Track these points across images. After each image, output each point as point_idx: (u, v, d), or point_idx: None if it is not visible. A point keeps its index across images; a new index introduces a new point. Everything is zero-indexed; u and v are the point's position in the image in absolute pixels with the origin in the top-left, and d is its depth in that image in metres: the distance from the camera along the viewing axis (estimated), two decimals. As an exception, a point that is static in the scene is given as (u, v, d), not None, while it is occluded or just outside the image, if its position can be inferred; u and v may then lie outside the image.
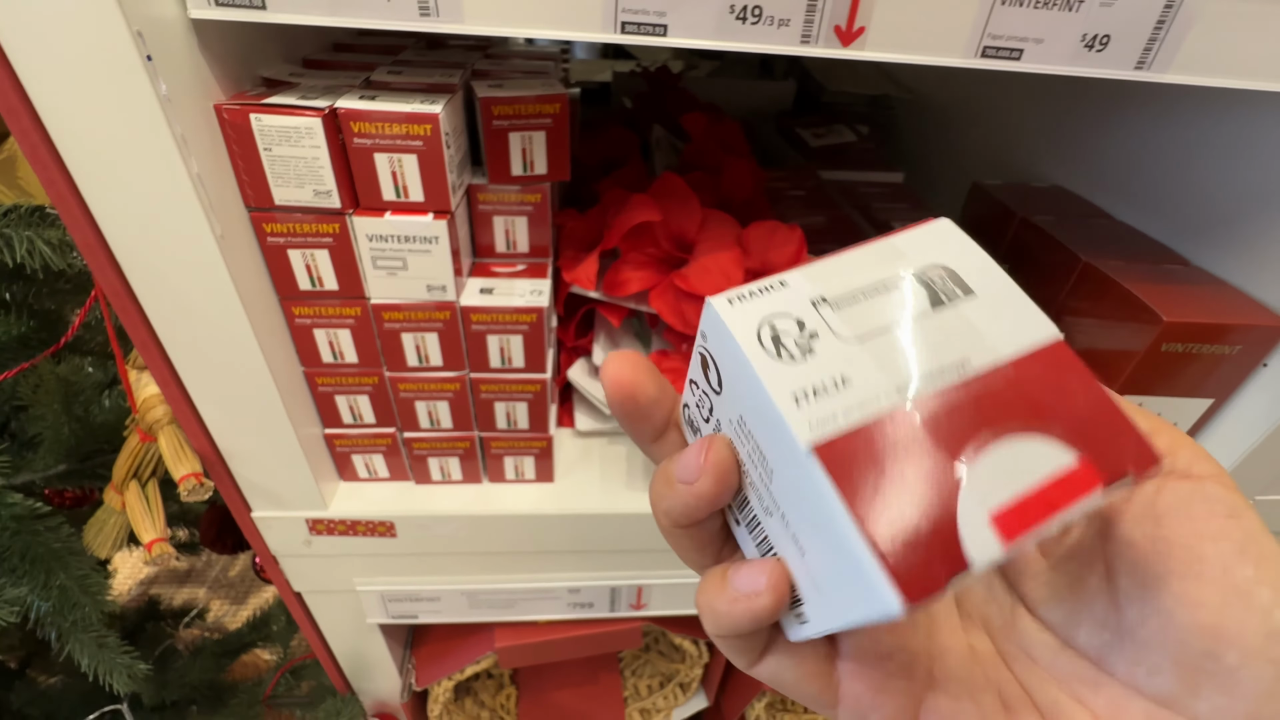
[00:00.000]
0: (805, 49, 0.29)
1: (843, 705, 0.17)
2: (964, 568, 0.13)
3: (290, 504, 0.43)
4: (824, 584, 0.15)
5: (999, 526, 0.13)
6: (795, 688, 0.18)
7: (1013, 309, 0.16)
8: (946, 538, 0.13)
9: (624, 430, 0.19)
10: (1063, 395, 0.15)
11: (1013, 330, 0.15)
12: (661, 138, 0.70)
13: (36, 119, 0.27)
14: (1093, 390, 0.15)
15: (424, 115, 0.31)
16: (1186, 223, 0.51)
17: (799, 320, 0.15)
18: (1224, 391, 0.46)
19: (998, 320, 0.15)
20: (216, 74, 0.31)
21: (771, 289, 0.16)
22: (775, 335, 0.15)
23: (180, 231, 0.30)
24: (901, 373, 0.14)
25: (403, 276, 0.36)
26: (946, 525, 0.13)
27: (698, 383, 0.18)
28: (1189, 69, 0.30)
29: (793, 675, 0.18)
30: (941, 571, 0.13)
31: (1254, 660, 0.14)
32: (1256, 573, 0.14)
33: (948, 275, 0.16)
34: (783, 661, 0.18)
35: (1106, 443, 0.14)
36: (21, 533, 0.47)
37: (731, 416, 0.16)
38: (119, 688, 0.46)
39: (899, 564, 0.12)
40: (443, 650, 0.60)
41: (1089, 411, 0.14)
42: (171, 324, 0.34)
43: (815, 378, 0.14)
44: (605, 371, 0.17)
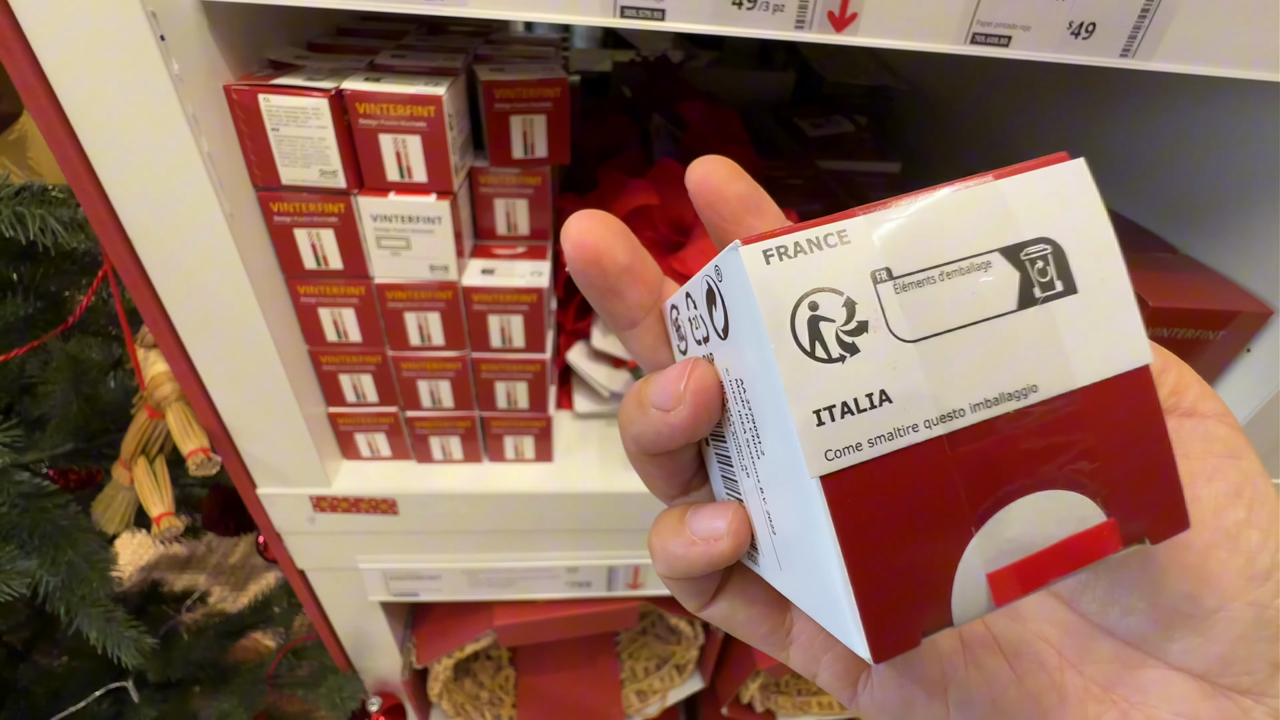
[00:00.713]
0: (799, 34, 0.30)
1: (795, 645, 0.17)
2: (946, 624, 0.12)
3: (294, 481, 0.44)
4: (790, 566, 0.14)
5: (994, 585, 0.12)
6: (745, 628, 0.17)
7: (1112, 320, 0.13)
8: (937, 596, 0.12)
9: (593, 307, 0.17)
10: (1122, 441, 0.13)
11: (1102, 352, 0.13)
12: (660, 126, 0.71)
13: (53, 97, 0.27)
14: (1155, 436, 0.13)
15: (428, 97, 0.32)
16: (1174, 211, 0.52)
17: (849, 302, 0.12)
18: (1208, 376, 0.47)
19: (1090, 335, 0.13)
20: (225, 56, 0.32)
21: (827, 243, 0.12)
22: (814, 322, 0.12)
23: (191, 209, 0.31)
24: (952, 395, 0.12)
25: (406, 256, 0.37)
26: (941, 583, 0.12)
27: (696, 303, 0.15)
28: (1173, 56, 0.31)
29: (744, 616, 0.17)
30: (918, 629, 0.12)
31: (1232, 602, 0.14)
32: (1248, 515, 0.14)
33: (1052, 258, 0.13)
34: (735, 604, 0.17)
35: (1144, 505, 0.13)
36: (30, 510, 0.48)
37: (730, 367, 0.14)
38: (126, 661, 0.47)
39: (876, 625, 0.12)
40: (443, 629, 0.61)
41: (1141, 464, 0.13)
42: (181, 301, 0.34)
43: (850, 392, 0.12)
44: (567, 230, 0.15)
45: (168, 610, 0.80)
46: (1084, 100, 0.62)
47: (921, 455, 0.12)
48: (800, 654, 0.17)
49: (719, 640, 0.67)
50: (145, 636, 0.49)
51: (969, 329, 0.12)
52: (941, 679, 0.16)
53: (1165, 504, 0.13)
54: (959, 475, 0.12)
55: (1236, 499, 0.14)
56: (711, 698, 0.77)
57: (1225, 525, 0.14)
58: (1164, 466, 0.13)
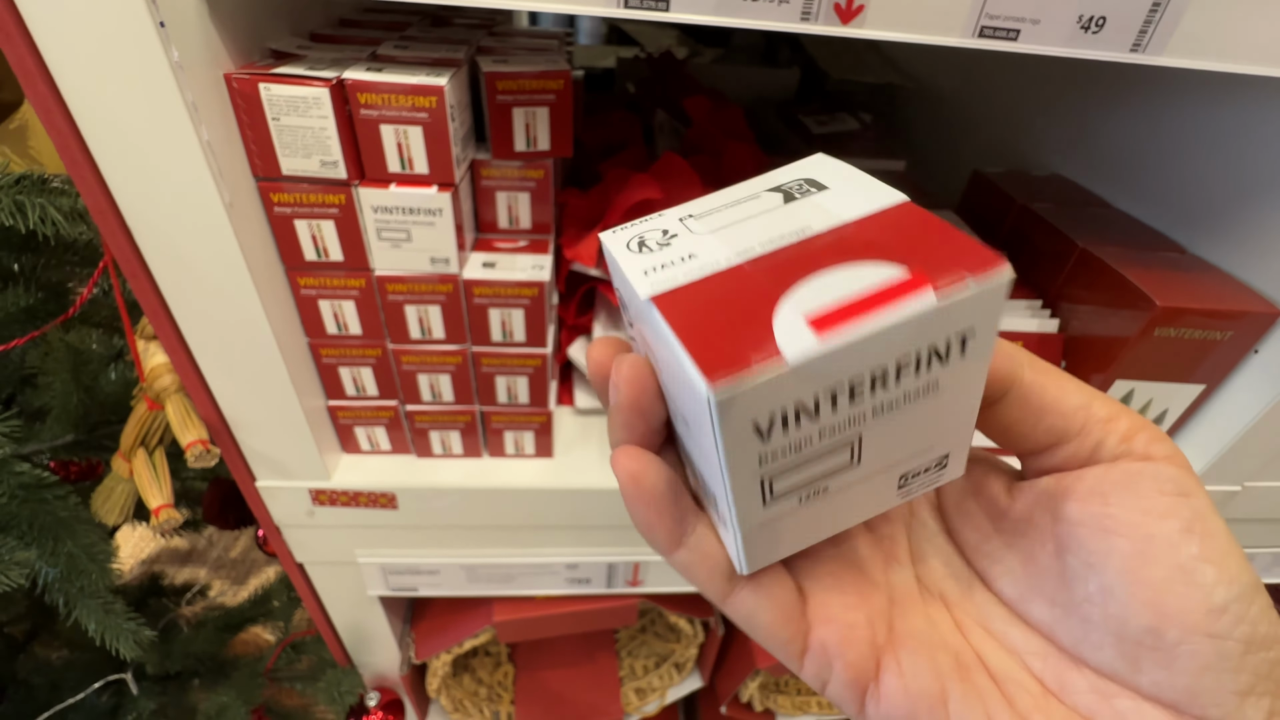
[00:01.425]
0: (805, 26, 0.30)
1: (809, 654, 0.18)
2: (776, 356, 0.13)
3: (294, 474, 0.44)
4: (689, 423, 0.16)
5: (815, 325, 0.13)
6: (767, 630, 0.18)
7: (865, 190, 0.16)
8: (759, 333, 0.13)
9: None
10: (904, 234, 0.15)
11: (861, 202, 0.16)
12: (664, 122, 0.71)
13: (52, 84, 0.27)
14: (937, 227, 0.15)
15: (429, 87, 0.32)
16: (1183, 211, 0.52)
17: (664, 230, 0.17)
18: (1215, 377, 0.47)
19: (846, 198, 0.16)
20: (226, 44, 0.31)
21: (649, 219, 0.18)
22: (641, 241, 0.17)
23: (190, 198, 0.31)
24: (743, 243, 0.16)
25: (407, 248, 0.37)
26: (761, 325, 0.14)
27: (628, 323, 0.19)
28: (1183, 52, 0.31)
29: (767, 617, 0.18)
30: (750, 356, 0.13)
31: (1193, 636, 0.14)
32: (1201, 550, 0.15)
33: (806, 181, 0.17)
34: (756, 597, 0.18)
35: (944, 256, 0.14)
36: (29, 501, 0.48)
37: (634, 323, 0.18)
38: (125, 653, 0.47)
39: (705, 350, 0.13)
40: (441, 625, 0.61)
41: (932, 240, 0.14)
42: (181, 291, 0.34)
43: (666, 257, 0.16)
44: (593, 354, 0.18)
45: (168, 603, 0.80)
46: (1091, 99, 0.61)
47: (726, 275, 0.15)
48: (814, 662, 0.18)
49: (718, 638, 0.67)
50: (144, 628, 0.48)
51: (749, 220, 0.16)
52: (943, 694, 0.17)
53: (968, 255, 0.14)
54: (762, 276, 0.15)
55: (1189, 535, 0.15)
56: (710, 696, 0.77)
57: (1180, 561, 0.15)
58: (956, 237, 0.14)
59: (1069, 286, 0.51)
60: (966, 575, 0.19)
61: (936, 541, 0.20)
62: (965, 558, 0.20)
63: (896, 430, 0.15)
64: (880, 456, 0.16)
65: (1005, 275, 0.14)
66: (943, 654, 0.18)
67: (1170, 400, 0.48)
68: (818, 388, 0.14)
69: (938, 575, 0.20)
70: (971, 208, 0.64)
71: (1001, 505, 0.19)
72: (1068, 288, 0.51)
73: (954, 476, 0.18)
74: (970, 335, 0.14)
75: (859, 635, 0.18)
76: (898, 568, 0.20)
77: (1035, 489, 0.18)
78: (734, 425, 0.14)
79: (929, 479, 0.18)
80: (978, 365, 0.15)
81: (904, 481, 0.17)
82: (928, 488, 0.18)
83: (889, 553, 0.20)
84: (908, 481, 0.17)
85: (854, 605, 0.18)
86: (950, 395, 0.15)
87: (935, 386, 0.15)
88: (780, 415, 0.14)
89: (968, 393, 0.16)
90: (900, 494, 0.18)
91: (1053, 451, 0.17)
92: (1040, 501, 0.17)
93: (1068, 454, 0.17)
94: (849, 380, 0.14)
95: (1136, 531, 0.15)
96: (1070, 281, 0.51)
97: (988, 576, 0.19)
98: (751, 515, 0.16)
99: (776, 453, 0.15)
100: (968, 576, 0.19)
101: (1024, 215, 0.57)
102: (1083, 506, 0.16)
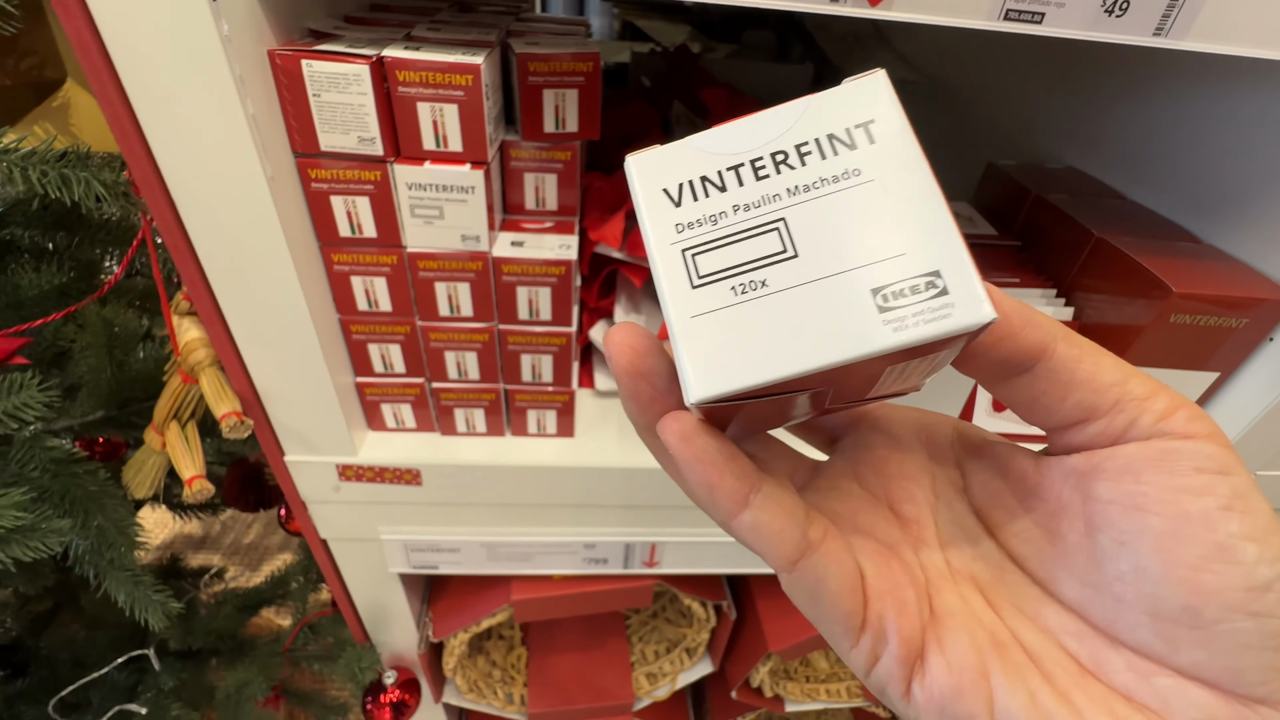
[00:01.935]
0: (835, 8, 0.30)
1: (867, 628, 0.17)
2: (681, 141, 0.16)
3: (322, 449, 0.45)
4: None
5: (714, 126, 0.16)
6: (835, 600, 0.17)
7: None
8: None
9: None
10: None
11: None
12: (682, 114, 0.71)
13: (107, 57, 0.28)
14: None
15: (466, 65, 0.33)
16: (1198, 201, 0.52)
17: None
18: (1230, 365, 0.47)
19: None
20: (270, 22, 0.32)
21: None
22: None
23: (234, 170, 0.32)
24: None
25: (439, 225, 0.38)
26: None
27: None
28: (1206, 36, 0.31)
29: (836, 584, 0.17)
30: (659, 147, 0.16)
31: (1233, 614, 0.14)
32: (1241, 528, 0.14)
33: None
34: (827, 561, 0.17)
35: None
36: (60, 475, 0.49)
37: None
38: (155, 623, 0.48)
39: None
40: (459, 604, 0.62)
41: None
42: (221, 265, 0.35)
43: None
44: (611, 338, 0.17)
45: (186, 585, 0.81)
46: (1103, 91, 0.62)
47: None
48: (870, 637, 0.17)
49: (731, 622, 0.68)
50: (171, 600, 0.50)
51: None
52: (984, 669, 0.17)
53: None
54: None
55: (1228, 513, 0.14)
56: (719, 681, 0.78)
57: (1218, 539, 0.14)
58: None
59: (1084, 275, 0.52)
60: (996, 556, 0.19)
61: (964, 523, 0.20)
62: (994, 538, 0.19)
63: (833, 220, 0.15)
64: (824, 249, 0.15)
65: (875, 74, 0.16)
66: (980, 631, 0.17)
67: (1184, 388, 0.49)
68: (718, 163, 0.16)
69: (966, 557, 0.19)
70: (986, 199, 0.64)
71: (1029, 483, 0.18)
72: (1082, 277, 0.52)
73: (972, 319, 0.14)
74: (871, 124, 0.15)
75: (911, 610, 0.17)
76: (926, 550, 0.20)
77: (1064, 466, 0.17)
78: (649, 189, 0.16)
79: (925, 308, 0.14)
80: (902, 155, 0.15)
81: (885, 303, 0.14)
82: (933, 327, 0.14)
83: (917, 536, 0.20)
84: (891, 304, 0.14)
85: (902, 582, 0.18)
86: (887, 187, 0.15)
87: (857, 173, 0.15)
88: (688, 184, 0.16)
89: (914, 188, 0.15)
90: (888, 323, 0.14)
91: (1082, 427, 0.17)
92: (1070, 479, 0.17)
93: (1097, 430, 0.16)
94: (747, 157, 0.16)
95: (1171, 509, 0.15)
96: (1085, 270, 0.51)
97: (1017, 556, 0.19)
98: (682, 298, 0.15)
99: (693, 223, 0.16)
100: (997, 557, 0.19)
101: (1039, 206, 0.57)
102: (1114, 484, 0.16)
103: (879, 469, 0.21)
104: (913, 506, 0.20)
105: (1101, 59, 0.62)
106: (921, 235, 0.14)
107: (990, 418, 0.53)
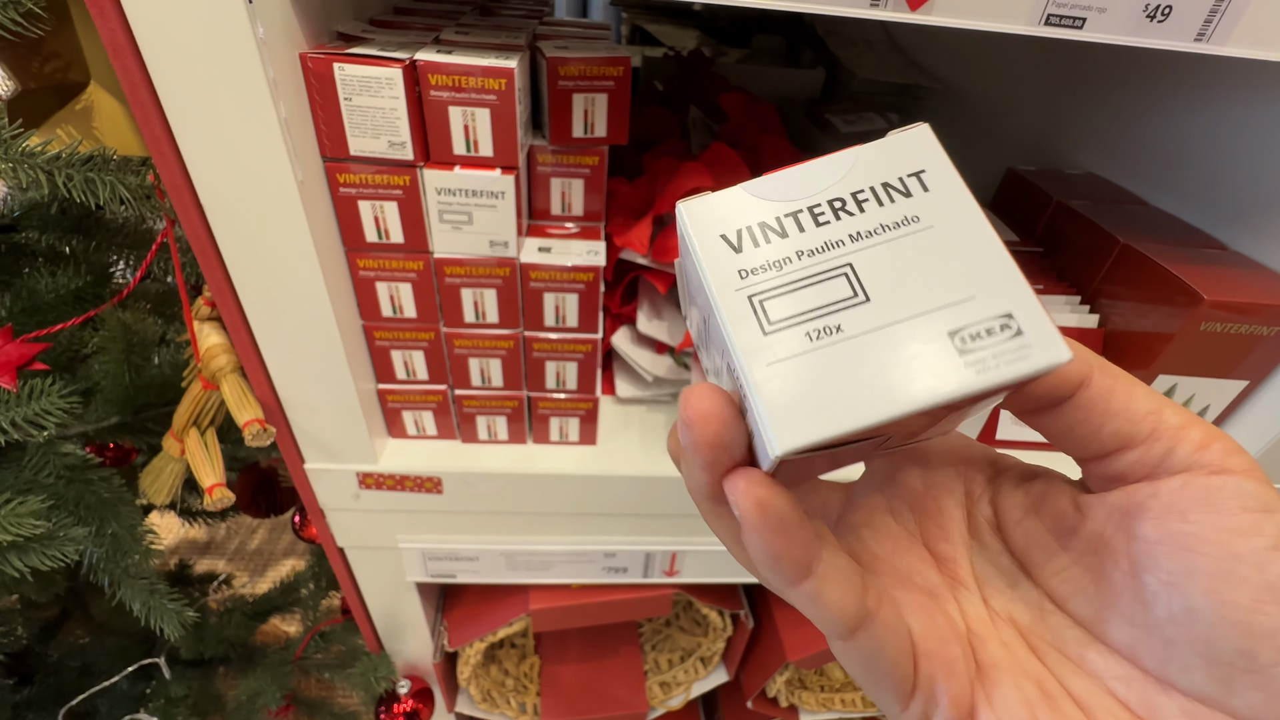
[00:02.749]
0: (874, 12, 0.30)
1: (918, 691, 0.17)
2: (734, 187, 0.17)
3: (343, 457, 0.44)
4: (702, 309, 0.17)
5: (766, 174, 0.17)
6: (891, 667, 0.17)
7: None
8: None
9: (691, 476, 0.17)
10: None
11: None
12: (698, 118, 0.71)
13: (140, 59, 0.28)
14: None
15: (500, 69, 0.32)
16: (1223, 208, 0.52)
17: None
18: (1259, 373, 0.47)
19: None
20: (302, 25, 0.32)
21: None
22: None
23: (264, 175, 0.31)
24: None
25: (467, 231, 0.37)
26: None
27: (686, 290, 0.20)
28: (1248, 42, 0.31)
29: (893, 651, 0.16)
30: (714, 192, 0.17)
31: None
32: None
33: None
34: (884, 630, 0.16)
35: None
36: (75, 481, 0.49)
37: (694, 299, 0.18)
38: (170, 632, 0.47)
39: None
40: (475, 613, 0.61)
41: None
42: (247, 269, 0.35)
43: None
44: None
45: (194, 592, 0.80)
46: (1123, 98, 0.61)
47: None
48: (921, 699, 0.17)
49: (747, 631, 0.67)
50: (186, 609, 0.49)
51: None
52: None
53: None
54: None
55: (1277, 553, 0.14)
56: (733, 691, 0.77)
57: (1269, 580, 0.14)
58: None
59: (1108, 282, 0.51)
60: (1035, 596, 0.19)
61: (1000, 562, 0.19)
62: (1031, 578, 0.19)
63: (899, 265, 0.15)
64: (895, 294, 0.15)
65: (920, 127, 0.16)
66: (1026, 682, 0.17)
67: (1213, 396, 0.48)
68: (775, 210, 0.16)
69: (1005, 598, 0.19)
70: (1007, 205, 0.64)
71: (1069, 522, 0.18)
72: (1107, 283, 0.51)
73: (1049, 359, 0.14)
74: (922, 173, 0.16)
75: (959, 669, 0.17)
76: (964, 593, 0.19)
77: (1105, 504, 0.17)
78: (705, 235, 0.16)
79: (1004, 350, 0.14)
80: (958, 202, 0.16)
81: (964, 345, 0.14)
82: (1012, 366, 0.14)
83: (954, 576, 0.19)
84: (969, 346, 0.14)
85: (948, 638, 0.17)
86: (947, 232, 0.15)
87: (916, 219, 0.16)
88: (747, 230, 0.16)
89: (973, 231, 0.15)
90: (970, 365, 0.14)
91: (1117, 456, 0.16)
92: (1112, 517, 0.17)
93: (1132, 460, 0.16)
94: (805, 204, 0.16)
95: (1220, 550, 0.15)
96: (1110, 277, 0.51)
97: (1057, 597, 0.18)
98: (755, 345, 0.15)
99: (756, 268, 0.16)
100: (1036, 597, 0.19)
101: (1061, 211, 0.57)
102: (1160, 524, 0.15)
103: (914, 504, 0.21)
104: (948, 545, 0.20)
105: (1119, 65, 0.62)
106: (988, 279, 0.15)
107: (1015, 425, 0.52)
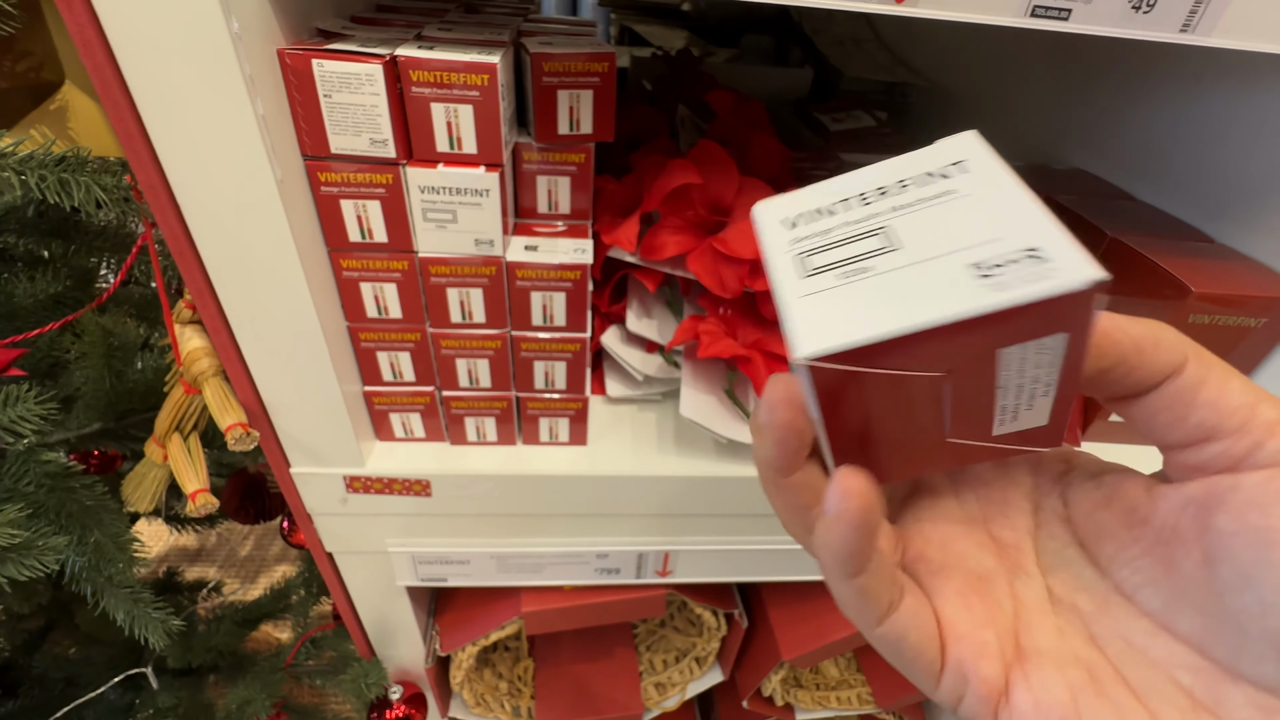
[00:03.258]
0: (859, 5, 0.30)
1: (946, 671, 0.18)
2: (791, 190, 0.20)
3: (329, 461, 0.44)
4: None
5: None
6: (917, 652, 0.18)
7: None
8: None
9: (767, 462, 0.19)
10: None
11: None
12: (686, 117, 0.71)
13: (111, 55, 0.27)
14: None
15: (482, 65, 0.32)
16: (1210, 201, 0.52)
17: None
18: (1248, 365, 0.47)
19: None
20: (279, 20, 0.31)
21: None
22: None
23: (243, 174, 0.31)
24: None
25: (452, 230, 0.37)
26: None
27: None
28: (1233, 32, 0.31)
29: (917, 637, 0.18)
30: None
31: None
32: None
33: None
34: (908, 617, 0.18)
35: None
36: (56, 489, 0.48)
37: None
38: (155, 642, 0.47)
39: None
40: (467, 616, 0.61)
41: None
42: (227, 272, 0.34)
43: None
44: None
45: (183, 600, 0.79)
46: (1108, 93, 0.62)
47: None
48: (950, 679, 0.18)
49: (742, 631, 0.67)
50: (172, 618, 0.48)
51: None
52: (1075, 707, 0.17)
53: None
54: None
55: None
56: (728, 691, 0.77)
57: None
58: None
59: (1097, 276, 0.51)
60: (1101, 587, 0.19)
61: (1067, 553, 0.20)
62: (1098, 568, 0.19)
63: (931, 223, 0.17)
64: (925, 241, 0.16)
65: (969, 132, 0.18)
66: (1074, 668, 0.17)
67: (1202, 388, 0.48)
68: (829, 200, 0.19)
69: (1069, 587, 0.19)
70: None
71: (1141, 512, 0.18)
72: (1096, 277, 0.51)
73: (1076, 279, 0.14)
74: (964, 161, 0.18)
75: (990, 651, 0.18)
76: (1025, 579, 0.20)
77: (1182, 494, 0.17)
78: (770, 222, 0.19)
79: (1024, 271, 0.14)
80: (994, 175, 0.17)
81: (986, 272, 0.15)
82: (1037, 287, 0.14)
83: (1014, 563, 0.20)
84: (991, 271, 0.15)
85: (983, 622, 0.18)
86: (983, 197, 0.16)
87: (954, 192, 0.17)
88: (803, 214, 0.19)
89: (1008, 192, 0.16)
90: (988, 285, 0.14)
91: (1201, 447, 0.16)
92: (1188, 508, 0.17)
93: (1218, 451, 0.16)
94: (855, 193, 0.19)
95: None
96: (1099, 271, 0.51)
97: (1126, 587, 0.18)
98: (793, 284, 0.17)
99: (806, 237, 0.18)
100: (1103, 589, 0.19)
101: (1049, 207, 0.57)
102: (1238, 517, 0.15)
103: (981, 492, 0.21)
104: (1012, 533, 0.20)
105: (1104, 59, 0.62)
106: (1018, 223, 0.15)
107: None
